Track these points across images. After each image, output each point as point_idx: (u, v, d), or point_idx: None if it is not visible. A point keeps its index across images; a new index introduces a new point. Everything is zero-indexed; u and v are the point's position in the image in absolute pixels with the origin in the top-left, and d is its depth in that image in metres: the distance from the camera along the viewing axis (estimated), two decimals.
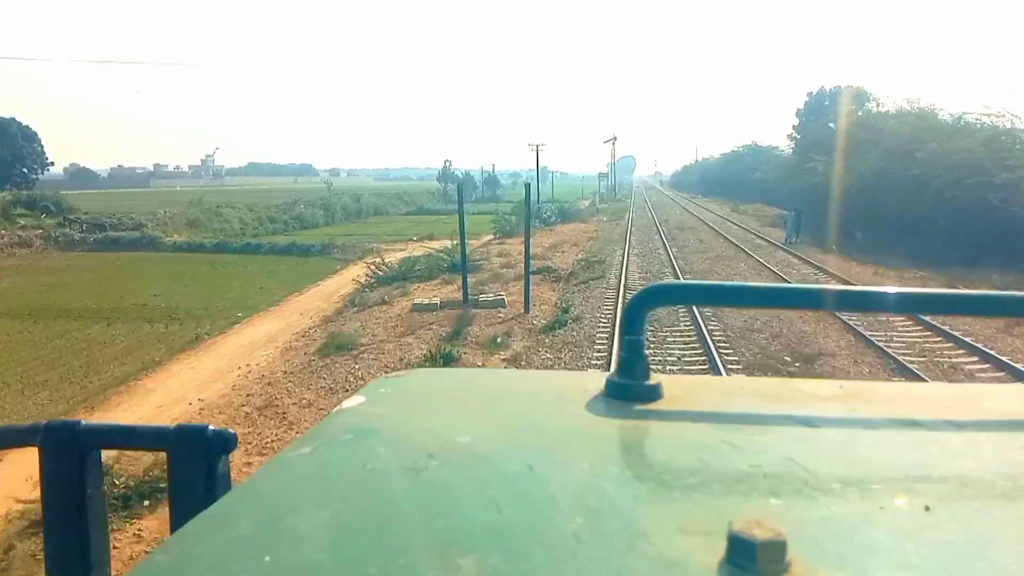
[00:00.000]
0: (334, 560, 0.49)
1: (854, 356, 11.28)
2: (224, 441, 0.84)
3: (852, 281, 16.94)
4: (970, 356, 11.10)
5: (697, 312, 13.51)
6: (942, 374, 10.35)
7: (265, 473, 0.67)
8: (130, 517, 7.20)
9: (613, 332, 12.84)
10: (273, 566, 0.48)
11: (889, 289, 0.79)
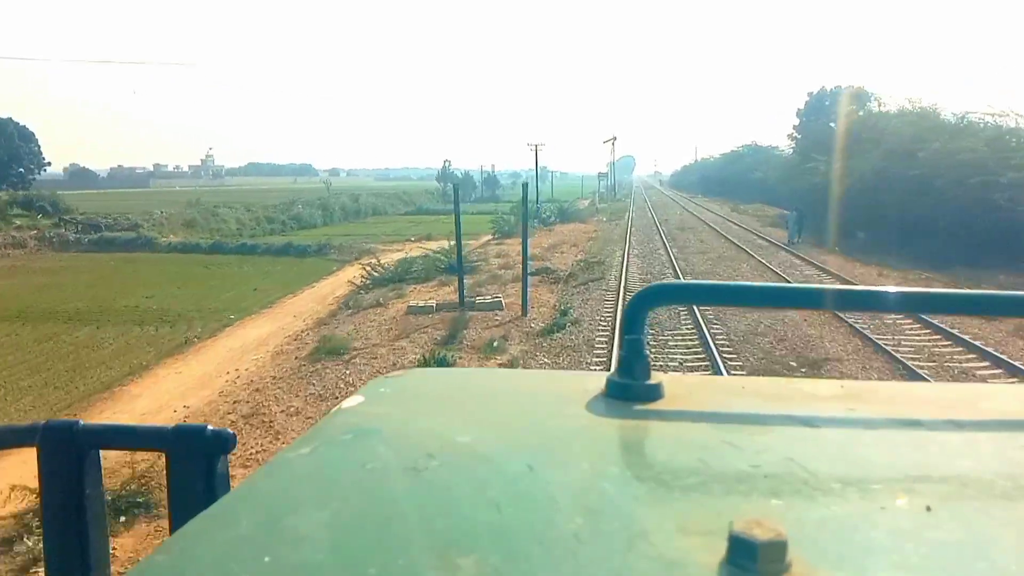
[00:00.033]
0: (334, 560, 0.49)
1: (862, 361, 10.94)
2: (223, 441, 0.84)
3: (856, 283, 16.60)
4: (981, 361, 10.78)
5: (699, 315, 13.17)
6: (953, 380, 10.01)
7: (265, 473, 0.66)
8: None
9: (613, 336, 12.51)
10: (273, 566, 0.49)
11: (889, 289, 0.79)
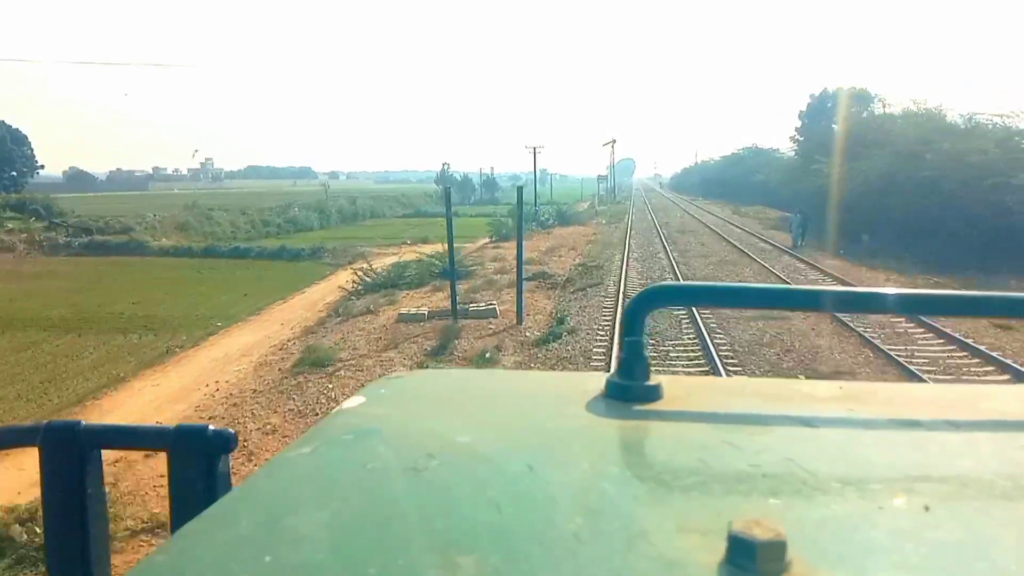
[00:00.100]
0: (334, 560, 0.49)
1: (875, 373, 10.35)
2: (224, 441, 0.84)
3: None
4: (1002, 373, 10.17)
5: (702, 324, 12.56)
6: None
7: (265, 473, 0.66)
8: None
9: (611, 346, 11.88)
10: (273, 566, 0.48)
11: (889, 290, 0.79)
